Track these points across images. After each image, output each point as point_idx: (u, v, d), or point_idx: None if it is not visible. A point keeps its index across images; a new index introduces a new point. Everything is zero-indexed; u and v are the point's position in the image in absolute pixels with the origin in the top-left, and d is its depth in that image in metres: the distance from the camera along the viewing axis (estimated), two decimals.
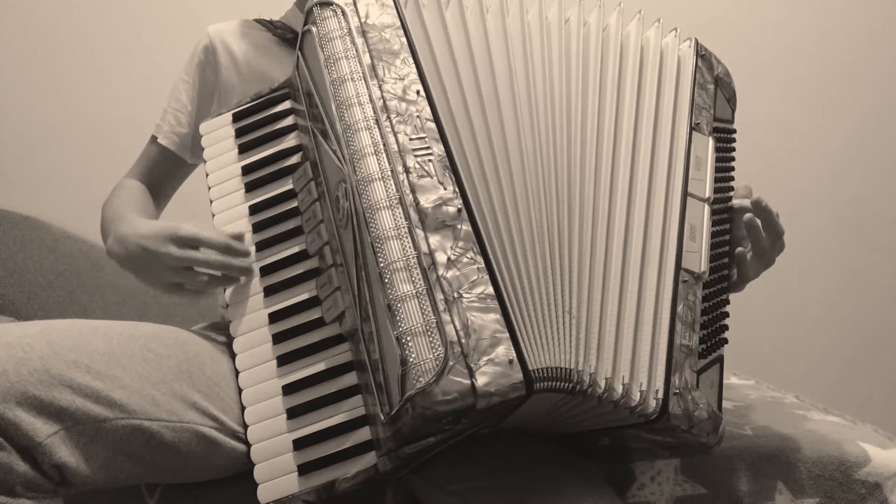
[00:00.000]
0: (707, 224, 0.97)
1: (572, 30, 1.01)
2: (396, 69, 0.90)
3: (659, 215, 0.94)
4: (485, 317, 0.79)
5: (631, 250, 0.91)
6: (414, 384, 0.77)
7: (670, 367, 0.86)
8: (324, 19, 0.93)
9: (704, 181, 0.99)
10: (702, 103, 1.03)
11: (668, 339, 0.88)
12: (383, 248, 0.82)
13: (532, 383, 0.78)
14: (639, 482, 1.05)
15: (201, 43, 1.21)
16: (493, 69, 0.94)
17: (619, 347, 0.86)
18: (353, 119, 0.87)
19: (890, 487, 1.03)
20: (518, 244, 0.86)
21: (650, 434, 0.88)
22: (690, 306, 0.91)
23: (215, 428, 0.90)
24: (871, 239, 2.28)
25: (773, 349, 2.20)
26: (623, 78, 1.00)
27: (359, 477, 0.85)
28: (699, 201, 0.97)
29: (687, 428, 0.86)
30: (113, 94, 2.02)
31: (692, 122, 1.00)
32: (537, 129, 0.93)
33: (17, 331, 0.82)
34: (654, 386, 0.85)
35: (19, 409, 0.77)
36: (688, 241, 0.94)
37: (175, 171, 1.25)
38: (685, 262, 0.92)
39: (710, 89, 1.05)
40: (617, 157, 0.95)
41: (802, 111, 2.24)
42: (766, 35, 2.22)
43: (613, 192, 0.93)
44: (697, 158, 0.99)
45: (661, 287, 0.90)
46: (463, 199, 0.85)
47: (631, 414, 0.85)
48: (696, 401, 0.87)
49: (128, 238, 1.00)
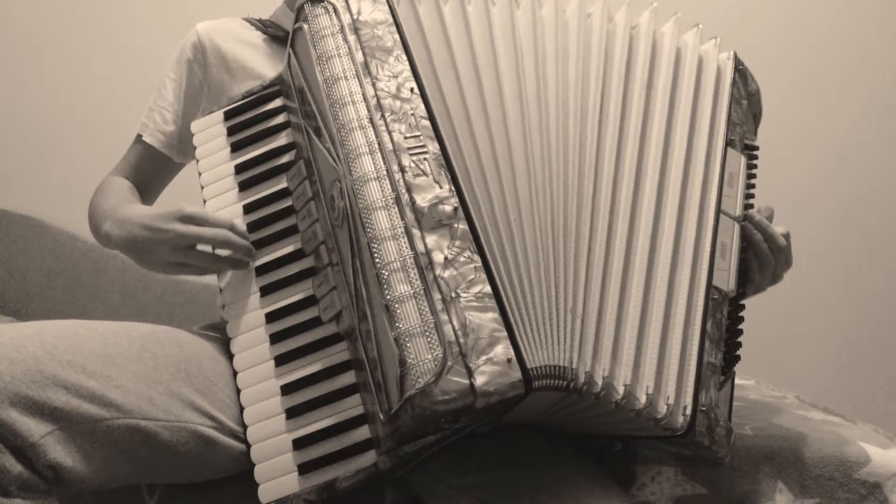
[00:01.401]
0: (737, 243, 0.97)
1: (594, 26, 0.99)
2: (390, 66, 0.89)
3: (692, 230, 0.94)
4: (483, 316, 0.79)
5: (658, 259, 0.91)
6: (413, 384, 0.77)
7: (699, 385, 0.87)
8: (315, 16, 0.92)
9: (736, 199, 0.99)
10: (736, 119, 1.03)
11: (697, 357, 0.88)
12: (380, 249, 0.82)
13: (531, 382, 0.79)
14: (639, 482, 1.05)
15: (189, 40, 1.20)
16: (498, 65, 0.93)
17: (643, 356, 0.87)
18: (347, 118, 0.87)
19: (890, 487, 1.03)
20: (518, 242, 0.86)
21: (670, 446, 0.90)
22: (718, 324, 0.92)
23: (213, 427, 0.90)
24: (873, 239, 2.28)
25: (773, 349, 2.20)
26: (654, 81, 0.99)
27: (359, 475, 0.86)
28: (731, 219, 0.98)
29: (709, 444, 0.87)
30: (113, 94, 2.01)
31: (727, 138, 1.00)
32: (545, 128, 0.92)
33: (11, 331, 0.82)
34: (683, 402, 0.86)
35: (13, 409, 0.77)
36: (718, 258, 0.94)
37: (161, 170, 1.23)
38: (716, 279, 0.93)
39: (744, 105, 1.05)
40: (644, 162, 0.95)
41: (803, 111, 2.24)
42: (768, 34, 2.21)
43: (638, 196, 0.93)
44: (730, 175, 0.99)
45: (692, 303, 0.91)
46: (459, 197, 0.84)
47: (655, 426, 0.85)
48: (717, 418, 0.88)
49: (128, 220, 0.99)
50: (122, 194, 1.15)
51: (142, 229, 0.97)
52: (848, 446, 1.05)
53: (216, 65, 1.18)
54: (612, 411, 0.85)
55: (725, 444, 0.89)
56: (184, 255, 0.96)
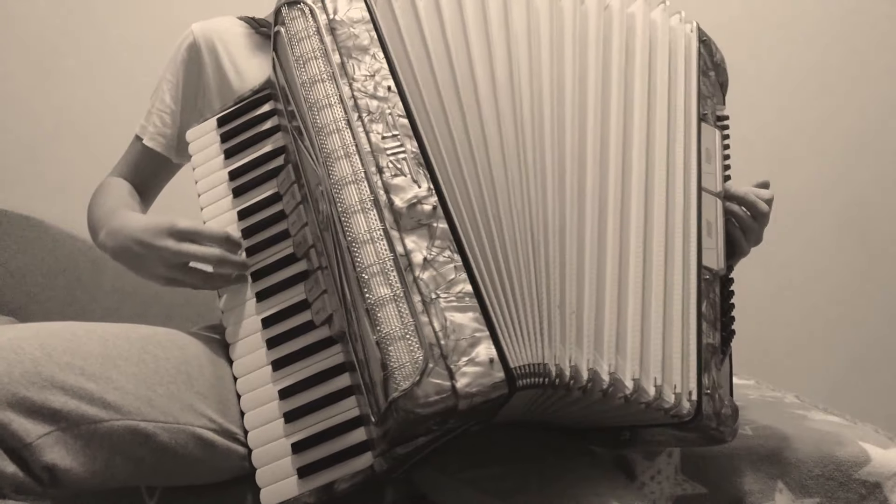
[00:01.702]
0: (721, 219, 0.96)
1: (566, 10, 0.97)
2: (367, 65, 0.88)
3: (679, 213, 0.92)
4: (463, 315, 0.79)
5: (653, 246, 0.89)
6: (396, 388, 0.77)
7: (701, 368, 0.86)
8: (292, 19, 0.91)
9: (715, 174, 0.97)
10: (706, 91, 1.01)
11: (696, 340, 0.87)
12: (359, 252, 0.81)
13: (514, 381, 0.78)
14: (639, 481, 1.05)
15: (185, 41, 1.20)
16: (471, 57, 0.91)
17: (647, 348, 0.85)
18: (325, 121, 0.86)
19: (890, 487, 1.02)
20: (498, 239, 0.84)
21: (680, 432, 0.89)
22: (712, 304, 0.91)
23: (212, 429, 0.90)
24: (874, 240, 2.27)
25: (774, 349, 2.19)
26: (631, 62, 0.97)
27: (357, 477, 0.86)
28: (712, 196, 0.96)
29: (716, 426, 0.87)
30: (112, 94, 2.02)
31: (699, 112, 0.98)
32: (520, 117, 0.90)
33: (9, 333, 0.83)
34: (688, 388, 0.85)
35: (10, 410, 0.78)
36: (706, 237, 0.93)
37: (160, 170, 1.24)
38: (705, 259, 0.92)
39: (711, 76, 1.03)
40: (629, 147, 0.93)
41: (807, 113, 2.22)
42: (772, 37, 2.19)
43: (627, 184, 0.91)
44: (707, 151, 0.97)
45: (686, 287, 0.89)
46: (438, 195, 0.83)
47: (665, 415, 0.85)
48: (722, 398, 0.88)
49: (121, 232, 0.99)
50: (120, 198, 1.15)
51: (135, 244, 0.97)
52: (848, 446, 1.04)
53: (211, 65, 1.17)
54: (622, 405, 0.84)
55: (731, 424, 0.88)
56: (177, 272, 0.96)
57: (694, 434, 0.89)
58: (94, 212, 1.13)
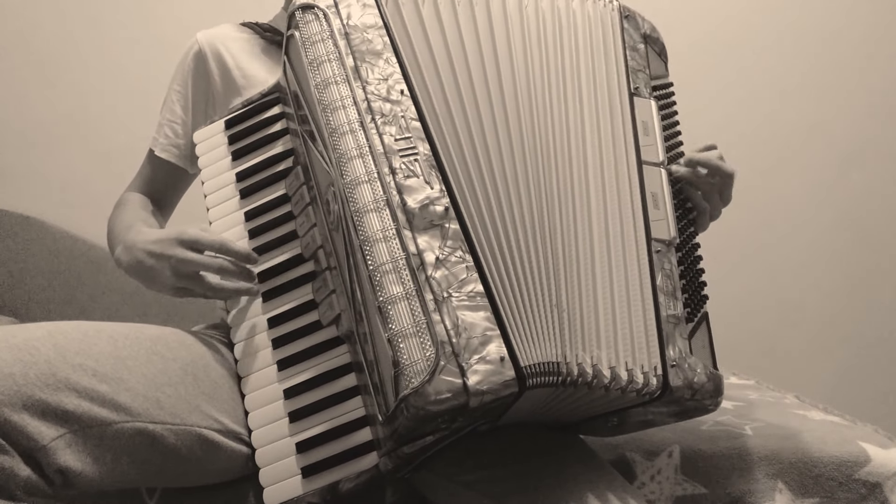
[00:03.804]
0: (667, 188, 0.97)
1: (529, 13, 0.99)
2: (380, 69, 0.90)
3: (623, 192, 0.94)
4: (475, 315, 0.80)
5: (610, 234, 0.91)
6: (407, 385, 0.77)
7: (663, 342, 0.88)
8: (306, 23, 0.93)
9: (655, 145, 0.98)
10: (636, 66, 1.02)
11: (654, 315, 0.89)
12: (372, 251, 0.82)
13: (524, 380, 0.79)
14: (639, 481, 1.05)
15: (191, 50, 1.21)
16: (468, 62, 0.94)
17: (616, 333, 0.87)
18: (339, 122, 0.88)
19: (890, 487, 1.03)
20: (504, 240, 0.86)
21: (656, 408, 0.90)
22: (668, 275, 0.92)
23: (217, 430, 0.90)
24: (875, 240, 2.28)
25: (774, 349, 2.20)
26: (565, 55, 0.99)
27: (361, 477, 0.86)
28: (654, 167, 0.97)
29: (690, 396, 0.88)
30: (112, 95, 2.02)
31: (631, 88, 1.00)
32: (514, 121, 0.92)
33: (22, 333, 0.83)
34: (652, 363, 0.87)
35: (25, 412, 0.77)
36: (652, 210, 0.94)
37: (176, 181, 1.25)
38: (654, 231, 0.93)
39: (640, 49, 1.04)
40: (582, 139, 0.95)
41: (807, 114, 2.23)
42: (774, 38, 2.20)
43: (586, 177, 0.93)
44: (644, 124, 0.98)
45: (639, 265, 0.91)
46: (450, 197, 0.85)
47: (639, 396, 0.86)
48: (692, 367, 0.88)
49: (134, 246, 1.01)
50: (136, 213, 1.16)
51: (146, 256, 0.98)
52: (848, 446, 1.05)
53: (218, 72, 1.18)
54: (603, 394, 0.86)
55: (711, 392, 0.89)
56: (187, 281, 0.96)
57: (673, 407, 0.90)
58: (112, 229, 1.14)
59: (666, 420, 0.97)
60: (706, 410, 0.92)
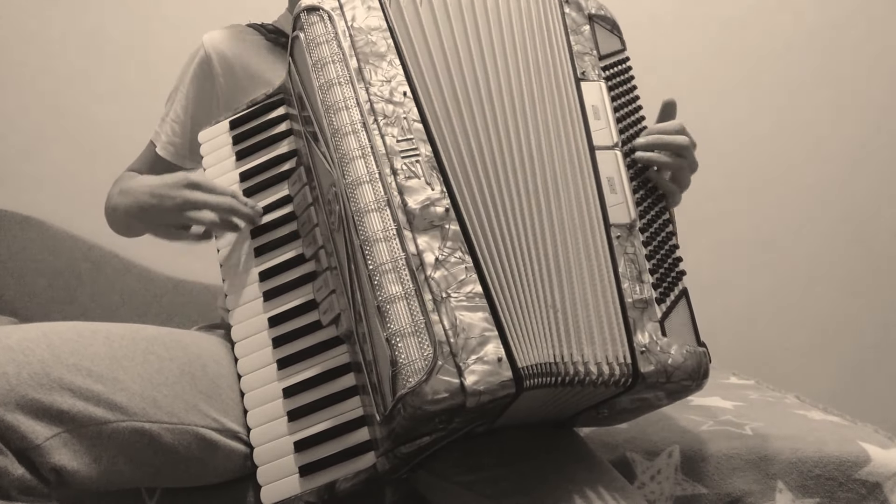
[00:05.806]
0: (623, 170, 0.96)
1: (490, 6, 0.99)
2: (383, 71, 0.91)
3: (577, 182, 0.93)
4: (473, 315, 0.80)
5: (567, 227, 0.90)
6: (404, 384, 0.78)
7: (629, 329, 0.87)
8: (311, 24, 0.93)
9: (608, 128, 0.97)
10: (581, 49, 1.01)
11: (619, 303, 0.88)
12: (372, 251, 0.83)
13: (522, 381, 0.79)
14: (639, 481, 1.05)
15: (197, 54, 1.22)
16: (462, 62, 0.94)
17: (591, 328, 0.87)
18: (341, 123, 0.88)
19: (890, 487, 1.03)
20: (502, 241, 0.87)
21: (637, 395, 0.89)
22: (633, 259, 0.91)
23: (215, 429, 0.91)
24: (875, 241, 2.28)
25: (774, 350, 2.20)
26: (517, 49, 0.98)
27: (359, 477, 0.87)
28: (608, 150, 0.96)
29: (666, 380, 0.87)
30: (112, 95, 2.03)
31: (577, 74, 0.99)
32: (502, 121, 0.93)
33: (17, 334, 0.83)
34: (622, 352, 0.86)
35: (18, 412, 0.78)
36: (609, 195, 0.93)
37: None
38: (613, 217, 0.92)
39: (585, 31, 1.02)
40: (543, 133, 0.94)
41: (812, 119, 2.24)
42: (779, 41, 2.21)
43: (553, 172, 0.93)
44: (594, 108, 0.98)
45: (600, 254, 0.90)
46: (451, 198, 0.85)
47: (615, 387, 0.86)
48: (665, 349, 0.88)
49: (134, 188, 1.04)
50: (133, 176, 1.18)
51: (149, 196, 1.01)
52: (848, 446, 1.05)
53: (223, 74, 1.19)
54: (580, 390, 0.86)
55: (689, 372, 0.88)
56: (186, 218, 0.99)
57: (652, 392, 0.90)
58: (110, 195, 1.16)
59: (658, 403, 0.96)
60: (689, 390, 0.91)
